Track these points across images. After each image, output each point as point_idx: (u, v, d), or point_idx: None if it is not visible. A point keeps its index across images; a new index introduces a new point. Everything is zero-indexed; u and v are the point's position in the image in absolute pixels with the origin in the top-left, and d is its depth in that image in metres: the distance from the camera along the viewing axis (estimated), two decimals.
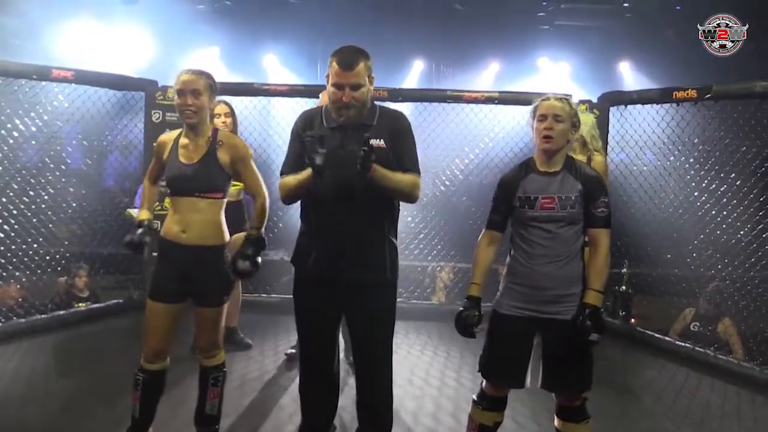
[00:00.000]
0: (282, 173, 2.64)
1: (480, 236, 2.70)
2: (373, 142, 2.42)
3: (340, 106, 2.49)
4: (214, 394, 2.91)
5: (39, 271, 5.03)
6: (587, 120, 3.94)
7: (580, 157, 3.79)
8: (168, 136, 2.90)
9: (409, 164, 2.55)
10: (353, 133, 2.47)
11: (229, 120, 4.19)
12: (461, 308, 2.63)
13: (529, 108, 2.62)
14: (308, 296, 2.67)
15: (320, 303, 2.63)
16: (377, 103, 2.66)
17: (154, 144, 2.98)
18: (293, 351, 4.15)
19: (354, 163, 2.29)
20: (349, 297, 2.60)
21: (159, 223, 2.95)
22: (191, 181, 2.73)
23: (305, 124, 2.62)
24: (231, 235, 4.13)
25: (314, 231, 2.60)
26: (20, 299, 4.91)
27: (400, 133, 2.57)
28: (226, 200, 2.86)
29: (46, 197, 5.09)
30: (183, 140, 2.81)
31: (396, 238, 2.68)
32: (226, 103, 4.24)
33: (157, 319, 2.77)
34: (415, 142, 2.63)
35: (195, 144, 2.78)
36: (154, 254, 2.98)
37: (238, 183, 4.04)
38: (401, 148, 2.55)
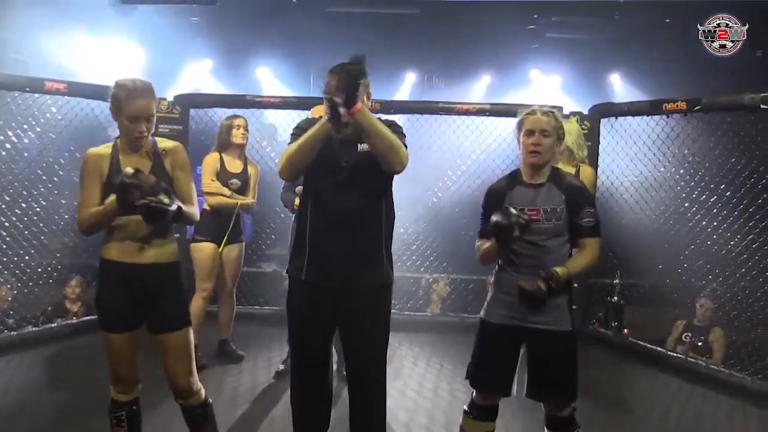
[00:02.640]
0: (292, 137, 2.64)
1: (477, 245, 2.70)
2: (363, 147, 2.48)
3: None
4: (208, 427, 2.75)
5: (31, 284, 5.01)
6: (572, 129, 3.93)
7: (569, 169, 3.81)
8: (100, 151, 2.54)
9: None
10: (349, 145, 2.52)
11: (246, 133, 4.28)
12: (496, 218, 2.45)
13: (516, 120, 2.65)
14: (303, 306, 2.65)
15: (315, 313, 2.62)
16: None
17: (83, 162, 2.55)
18: (283, 367, 4.15)
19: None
20: (345, 302, 2.59)
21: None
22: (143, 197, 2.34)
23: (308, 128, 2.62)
24: (216, 243, 4.19)
25: (309, 239, 2.60)
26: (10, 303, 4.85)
27: (387, 124, 2.53)
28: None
29: (38, 209, 5.08)
30: (123, 155, 2.53)
31: (391, 240, 2.68)
32: (243, 117, 4.35)
33: (121, 350, 2.55)
34: (404, 134, 2.60)
35: (138, 156, 2.54)
36: None
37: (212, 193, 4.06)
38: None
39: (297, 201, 3.81)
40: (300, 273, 2.62)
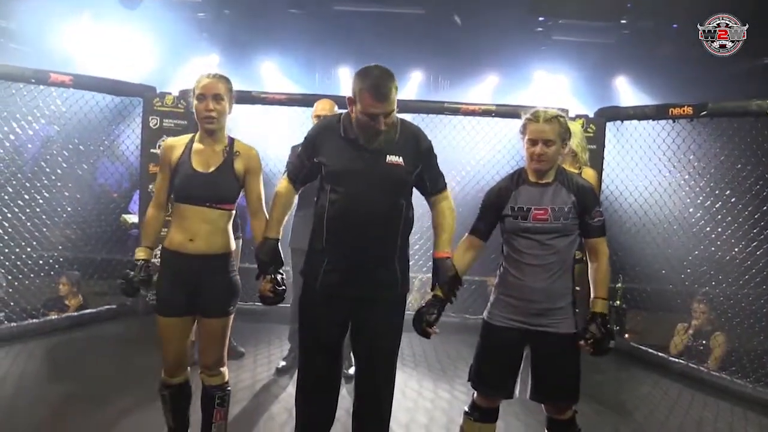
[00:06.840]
0: (288, 172, 2.77)
1: (460, 241, 2.71)
2: (392, 159, 2.53)
3: (372, 134, 2.50)
4: (221, 415, 2.77)
5: (32, 275, 5.00)
6: (576, 131, 3.90)
7: (572, 170, 3.79)
8: (176, 141, 2.73)
9: (441, 183, 2.72)
10: (377, 155, 2.53)
11: None
12: (421, 306, 2.65)
13: (521, 122, 2.62)
14: (316, 307, 2.64)
15: (328, 315, 2.61)
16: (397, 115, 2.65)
17: (159, 150, 2.74)
18: (284, 364, 4.15)
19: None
20: (358, 310, 2.59)
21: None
22: (205, 190, 2.60)
23: (322, 136, 2.62)
24: None
25: (325, 246, 2.58)
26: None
27: (426, 154, 2.66)
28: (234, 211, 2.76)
29: (41, 201, 5.07)
30: (197, 146, 2.66)
31: (408, 251, 2.70)
32: None
33: (172, 334, 2.68)
34: (435, 153, 2.72)
35: (211, 151, 2.65)
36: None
37: None
38: (430, 169, 2.68)
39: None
40: (315, 281, 2.60)
